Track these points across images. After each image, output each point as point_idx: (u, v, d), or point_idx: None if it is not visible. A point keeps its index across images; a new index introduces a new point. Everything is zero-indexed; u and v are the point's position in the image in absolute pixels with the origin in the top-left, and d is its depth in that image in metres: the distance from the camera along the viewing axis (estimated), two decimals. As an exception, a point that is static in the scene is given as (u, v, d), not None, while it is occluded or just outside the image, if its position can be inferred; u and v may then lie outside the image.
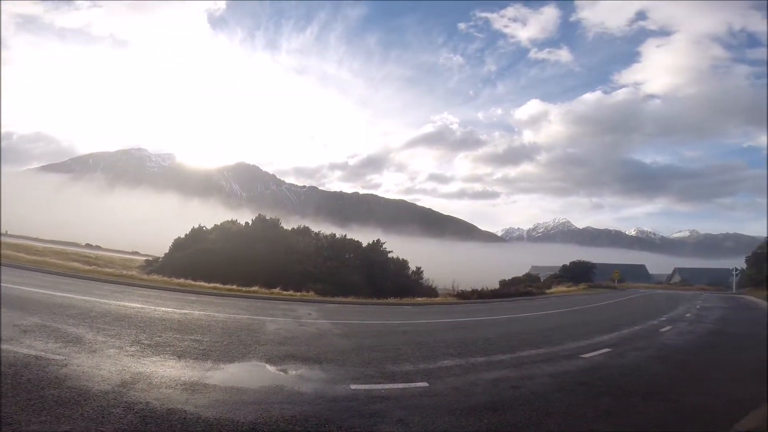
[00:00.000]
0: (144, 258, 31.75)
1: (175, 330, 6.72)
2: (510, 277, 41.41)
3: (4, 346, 4.61)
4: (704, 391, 5.27)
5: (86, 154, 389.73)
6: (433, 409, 4.10)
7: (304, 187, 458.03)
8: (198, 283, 14.91)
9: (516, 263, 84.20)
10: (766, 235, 45.69)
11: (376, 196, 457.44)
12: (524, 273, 51.34)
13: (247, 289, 14.96)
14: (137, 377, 4.19)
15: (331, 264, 30.36)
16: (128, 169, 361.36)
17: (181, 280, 14.96)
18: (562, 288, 33.42)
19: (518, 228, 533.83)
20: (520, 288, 27.21)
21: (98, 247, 45.39)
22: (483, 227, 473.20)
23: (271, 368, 5.16)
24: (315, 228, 36.57)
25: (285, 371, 5.07)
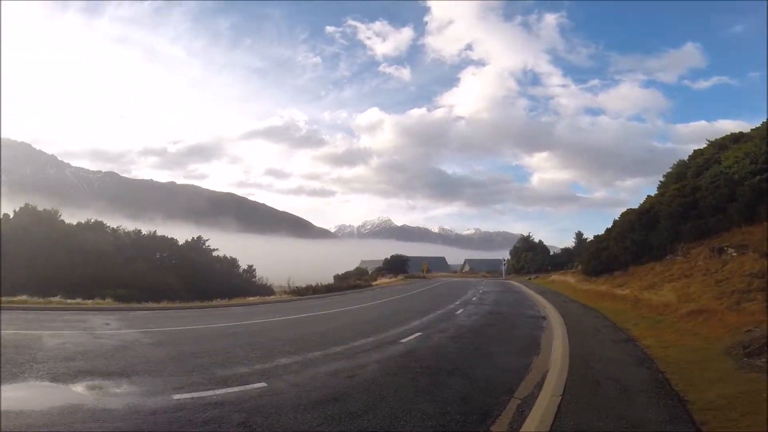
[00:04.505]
0: None
1: None
2: (342, 272, 43.59)
3: None
4: (489, 364, 6.48)
5: None
6: (275, 408, 4.04)
7: (99, 172, 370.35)
8: None
9: (348, 258, 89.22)
10: (521, 234, 61.83)
11: (198, 188, 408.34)
12: (355, 267, 54.81)
13: (10, 299, 11.16)
14: None
15: (136, 265, 25.69)
16: None
17: None
18: (385, 279, 37.20)
19: (349, 225, 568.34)
20: (351, 281, 28.99)
21: None
22: (318, 224, 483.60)
23: (60, 386, 4.30)
24: (115, 222, 30.17)
25: (81, 389, 4.27)
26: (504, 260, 57.85)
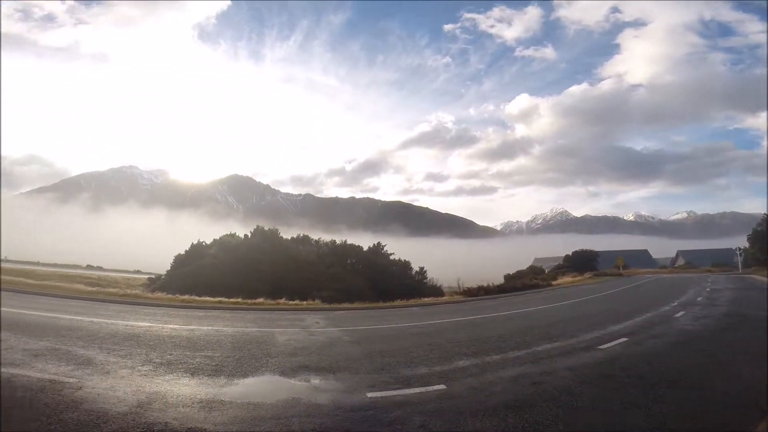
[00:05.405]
0: (147, 276, 31.57)
1: (185, 347, 6.64)
2: (514, 271, 41.32)
3: (16, 371, 4.60)
4: (731, 376, 5.19)
5: (77, 175, 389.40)
6: (454, 412, 4.01)
7: (300, 195, 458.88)
8: (203, 298, 14.80)
9: (518, 256, 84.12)
10: (763, 213, 45.44)
11: (372, 200, 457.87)
12: (528, 266, 51.19)
13: (253, 301, 14.85)
14: (153, 397, 4.13)
15: (334, 271, 30.25)
16: (121, 188, 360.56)
17: (186, 297, 14.85)
18: (567, 278, 33.29)
19: (517, 221, 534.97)
20: (526, 281, 27.11)
21: (99, 268, 45.15)
22: (482, 223, 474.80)
23: (285, 381, 5.07)
24: (314, 235, 36.45)
25: (300, 383, 4.99)
26: (738, 249, 43.82)
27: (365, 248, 34.68)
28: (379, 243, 35.60)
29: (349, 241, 35.67)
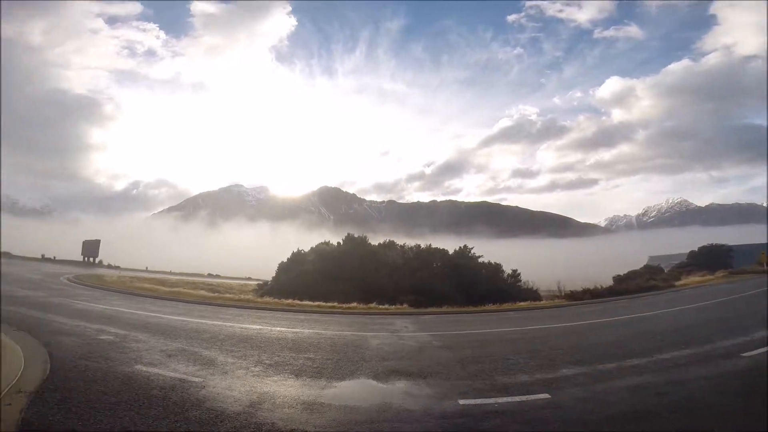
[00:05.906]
0: (256, 282, 35.17)
1: (291, 349, 7.15)
2: (625, 272, 36.62)
3: (154, 370, 5.34)
4: None
5: (196, 195, 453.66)
6: (560, 422, 3.70)
7: (383, 202, 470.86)
8: (304, 302, 15.94)
9: (628, 255, 74.27)
10: None
11: (455, 202, 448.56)
12: (642, 265, 44.92)
13: (347, 305, 15.51)
14: (263, 397, 4.46)
15: (420, 275, 30.19)
16: (230, 205, 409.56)
17: (290, 301, 16.16)
18: (695, 278, 28.43)
19: (625, 215, 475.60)
20: (641, 282, 23.77)
21: (218, 276, 51.68)
22: (582, 219, 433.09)
23: (378, 385, 5.15)
24: (398, 240, 36.81)
25: (391, 387, 5.02)
26: None
27: (450, 251, 34.00)
28: (465, 246, 34.59)
29: (433, 245, 35.33)
